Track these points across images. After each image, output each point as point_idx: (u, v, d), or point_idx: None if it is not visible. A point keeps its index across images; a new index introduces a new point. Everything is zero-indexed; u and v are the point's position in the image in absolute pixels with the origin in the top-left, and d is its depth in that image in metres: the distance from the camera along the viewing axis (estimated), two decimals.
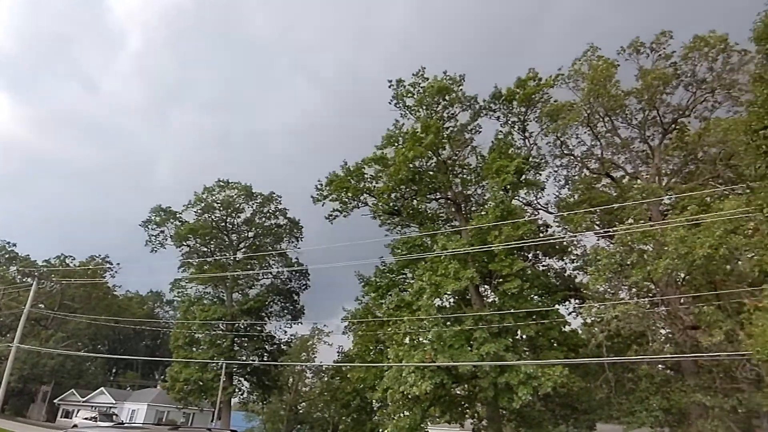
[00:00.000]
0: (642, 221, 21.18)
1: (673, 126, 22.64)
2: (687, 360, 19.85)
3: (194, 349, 38.63)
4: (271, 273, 41.12)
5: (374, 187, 26.98)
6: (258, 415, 57.73)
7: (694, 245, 16.29)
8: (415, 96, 26.51)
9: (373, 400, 31.69)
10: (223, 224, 41.05)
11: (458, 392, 26.33)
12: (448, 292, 23.41)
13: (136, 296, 73.77)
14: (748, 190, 14.89)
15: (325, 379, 52.17)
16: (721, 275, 17.98)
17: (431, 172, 27.42)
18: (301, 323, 42.53)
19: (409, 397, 22.78)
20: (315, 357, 56.67)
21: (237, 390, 40.46)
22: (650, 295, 20.84)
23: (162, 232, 40.36)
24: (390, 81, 27.11)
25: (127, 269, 63.42)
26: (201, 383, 36.84)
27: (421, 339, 23.99)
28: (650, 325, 20.72)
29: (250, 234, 42.06)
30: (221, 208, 40.37)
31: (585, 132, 24.24)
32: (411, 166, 25.53)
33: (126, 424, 10.41)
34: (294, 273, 41.17)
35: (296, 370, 54.42)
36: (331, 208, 28.09)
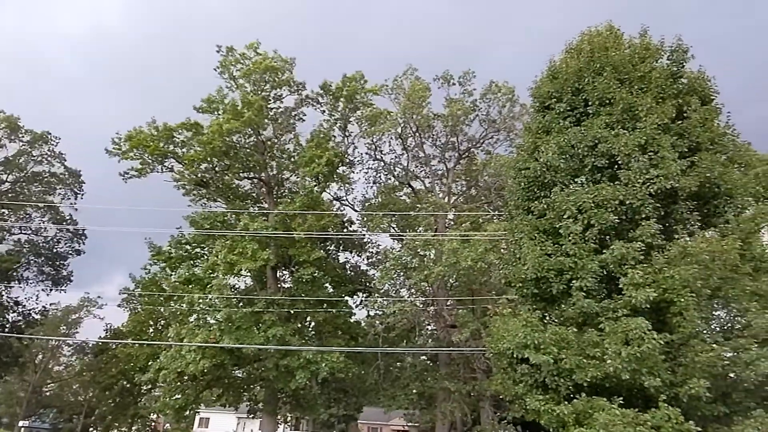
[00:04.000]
0: (429, 231, 24.17)
1: (466, 153, 26.39)
2: (443, 352, 23.32)
3: None
4: (30, 228, 34.28)
5: (183, 153, 24.90)
6: None
7: (461, 257, 19.31)
8: (243, 68, 25.37)
9: (142, 383, 29.18)
10: None
11: (238, 374, 26.07)
12: (243, 271, 23.05)
13: None
14: (508, 217, 18.13)
15: (89, 357, 45.89)
16: (477, 284, 21.62)
17: (248, 150, 26.59)
18: (65, 291, 36.22)
19: (185, 376, 21.72)
20: (77, 332, 49.19)
21: None
22: (424, 295, 23.88)
23: None
24: (219, 46, 25.43)
25: None
26: None
27: (208, 318, 23.08)
28: (420, 321, 23.83)
29: (8, 177, 34.45)
30: None
31: (397, 142, 26.51)
32: (227, 139, 24.36)
33: None
34: (65, 233, 35.08)
35: (49, 346, 46.55)
36: (128, 166, 24.99)
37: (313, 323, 26.11)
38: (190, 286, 23.03)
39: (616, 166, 11.75)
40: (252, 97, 24.23)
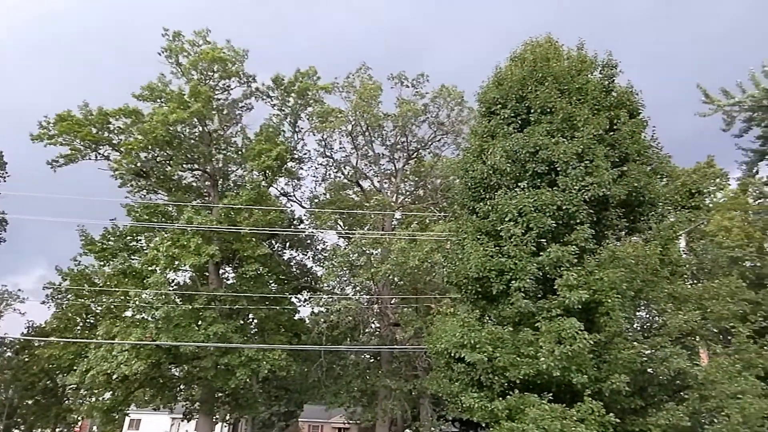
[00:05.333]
0: (376, 229, 24.33)
1: (415, 154, 26.78)
2: (386, 351, 23.54)
3: None
4: None
5: (121, 141, 23.64)
6: None
7: (408, 256, 19.58)
8: (191, 57, 24.47)
9: (67, 384, 27.48)
10: None
11: (175, 373, 25.10)
12: (186, 266, 22.25)
13: None
14: (453, 218, 18.54)
15: (7, 354, 42.56)
16: (422, 283, 22.00)
17: (193, 141, 25.69)
18: None
19: (115, 377, 20.66)
20: None
21: None
22: (369, 293, 24.01)
23: None
24: (166, 30, 24.38)
25: None
26: None
27: (144, 315, 22.06)
28: (365, 319, 23.95)
29: None
30: None
31: (347, 140, 26.48)
32: (171, 129, 23.42)
33: None
34: None
35: None
36: (58, 153, 23.43)
37: (255, 320, 25.62)
38: (126, 281, 21.93)
39: (555, 173, 12.29)
40: (201, 87, 23.42)
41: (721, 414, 10.15)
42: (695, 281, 12.55)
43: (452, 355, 11.86)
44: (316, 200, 27.65)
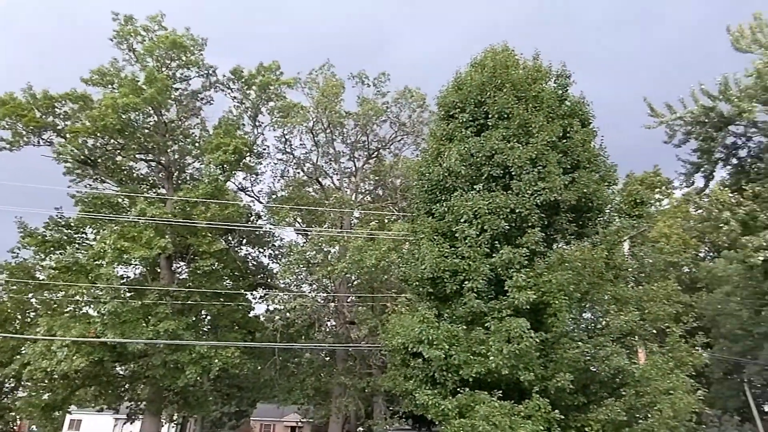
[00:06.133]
0: (335, 227, 24.27)
1: (375, 153, 26.88)
2: (341, 349, 23.53)
3: None
4: None
5: (66, 126, 22.50)
6: None
7: (366, 255, 19.64)
8: (146, 43, 23.58)
9: (2, 380, 25.95)
10: None
11: (120, 371, 24.15)
12: (135, 260, 21.44)
13: None
14: (410, 219, 18.76)
15: None
16: (378, 282, 22.11)
17: (147, 130, 24.76)
18: None
19: (55, 375, 19.68)
20: None
21: None
22: (326, 291, 23.92)
23: None
24: (116, 14, 23.38)
25: None
26: None
27: (89, 310, 21.10)
28: (320, 317, 23.83)
29: None
30: None
31: (308, 137, 26.25)
32: (123, 116, 22.48)
33: None
34: None
35: None
36: None
37: (209, 317, 25.02)
38: (69, 275, 20.89)
39: (509, 177, 12.69)
40: (156, 74, 22.59)
41: (654, 409, 10.81)
42: (636, 284, 13.23)
43: (409, 350, 12.04)
44: (275, 196, 27.27)
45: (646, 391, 11.04)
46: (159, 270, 23.90)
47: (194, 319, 23.56)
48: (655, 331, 12.96)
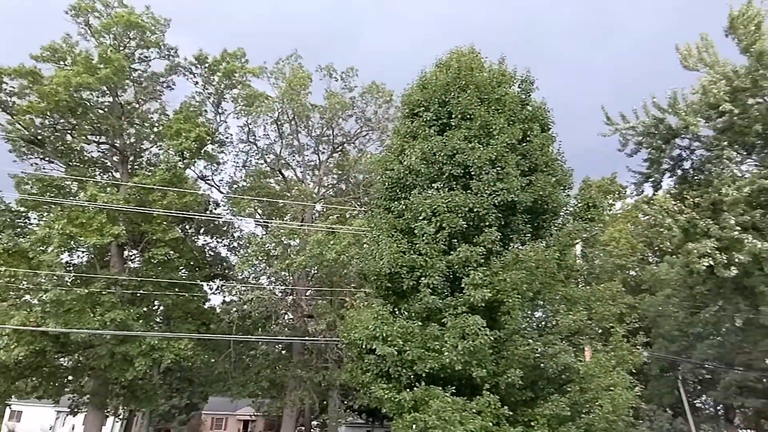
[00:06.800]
0: (296, 220, 24.04)
1: (339, 148, 26.77)
2: (297, 342, 23.39)
3: None
4: None
5: (13, 103, 21.27)
6: None
7: (326, 249, 19.58)
8: (104, 19, 22.56)
9: None
10: None
11: (63, 362, 23.12)
12: (85, 246, 20.56)
13: None
14: (370, 215, 18.83)
15: None
16: (337, 277, 22.08)
17: (102, 111, 23.74)
18: None
19: None
20: None
21: None
22: (284, 284, 23.70)
23: None
24: None
25: None
26: None
27: (30, 298, 20.09)
28: (278, 310, 23.60)
29: None
30: None
31: (272, 128, 25.85)
32: (76, 95, 21.49)
33: None
34: None
35: None
36: None
37: (161, 308, 24.29)
38: (10, 260, 19.80)
39: (469, 176, 12.92)
40: (112, 53, 21.64)
41: (595, 404, 11.32)
42: (586, 285, 13.80)
43: (364, 346, 12.11)
44: (236, 186, 26.73)
45: (590, 388, 11.53)
46: (109, 258, 23.01)
47: (145, 309, 22.84)
48: (600, 331, 13.56)
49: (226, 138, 26.49)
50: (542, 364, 12.02)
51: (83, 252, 22.67)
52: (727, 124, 17.44)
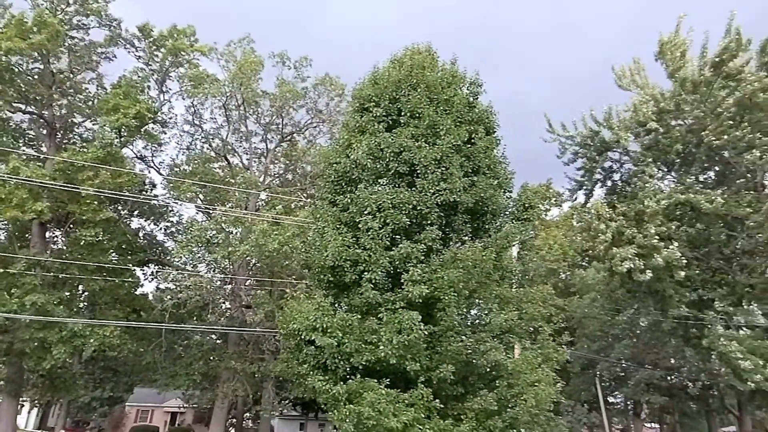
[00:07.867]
0: (240, 208, 23.43)
1: (288, 137, 26.34)
2: (234, 332, 22.86)
3: None
4: None
5: None
6: None
7: (269, 239, 19.25)
8: None
9: None
10: None
11: None
12: (1, 222, 19.03)
13: None
14: (315, 207, 18.70)
15: None
16: (279, 267, 21.78)
17: (30, 78, 22.04)
18: None
19: None
20: None
21: None
22: (223, 273, 23.06)
23: None
24: None
25: None
26: None
27: None
28: (215, 299, 22.95)
29: None
30: None
31: (219, 112, 25.04)
32: (5, 59, 19.84)
33: None
34: None
35: None
36: None
37: (87, 293, 22.91)
38: None
39: (414, 174, 13.15)
40: (48, 17, 20.10)
41: (521, 399, 11.90)
42: (519, 286, 14.42)
43: (303, 337, 12.05)
44: (177, 169, 25.65)
45: (517, 383, 12.10)
46: (29, 237, 21.44)
47: (69, 293, 21.47)
48: (530, 330, 14.22)
49: (170, 119, 25.37)
50: (474, 360, 12.44)
51: (1, 228, 21.01)
52: (653, 142, 18.84)
